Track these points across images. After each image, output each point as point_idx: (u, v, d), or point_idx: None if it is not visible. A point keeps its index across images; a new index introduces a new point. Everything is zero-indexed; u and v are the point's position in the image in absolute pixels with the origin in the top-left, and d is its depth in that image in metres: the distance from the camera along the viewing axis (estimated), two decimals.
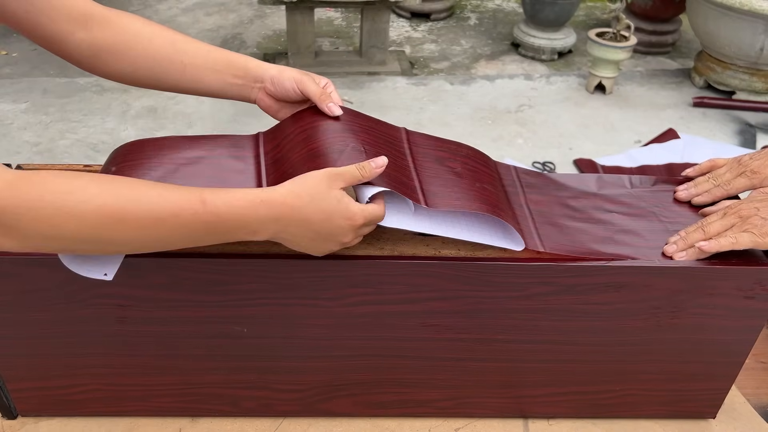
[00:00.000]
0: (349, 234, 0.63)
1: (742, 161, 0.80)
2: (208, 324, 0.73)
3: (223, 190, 0.60)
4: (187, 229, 0.58)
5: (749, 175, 0.78)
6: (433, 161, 0.74)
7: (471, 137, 2.85)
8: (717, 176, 0.81)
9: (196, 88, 0.77)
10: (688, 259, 0.71)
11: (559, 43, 3.63)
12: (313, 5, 3.18)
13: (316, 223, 0.61)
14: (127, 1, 4.13)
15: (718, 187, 0.80)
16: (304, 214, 0.61)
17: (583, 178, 0.85)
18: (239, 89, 0.77)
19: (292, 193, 0.61)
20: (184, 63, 0.75)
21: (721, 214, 0.74)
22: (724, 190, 0.79)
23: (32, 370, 0.77)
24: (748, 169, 0.79)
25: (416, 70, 3.54)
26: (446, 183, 0.71)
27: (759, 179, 0.78)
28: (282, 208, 0.60)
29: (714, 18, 3.10)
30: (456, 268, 0.69)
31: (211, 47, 0.77)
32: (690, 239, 0.73)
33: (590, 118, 3.05)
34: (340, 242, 0.64)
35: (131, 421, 0.83)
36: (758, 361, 0.98)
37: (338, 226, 0.62)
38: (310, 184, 0.61)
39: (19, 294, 0.69)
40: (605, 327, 0.75)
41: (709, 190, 0.80)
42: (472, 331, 0.75)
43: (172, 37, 0.75)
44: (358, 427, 0.84)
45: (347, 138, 0.69)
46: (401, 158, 0.72)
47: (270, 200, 0.60)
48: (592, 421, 0.86)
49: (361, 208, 0.63)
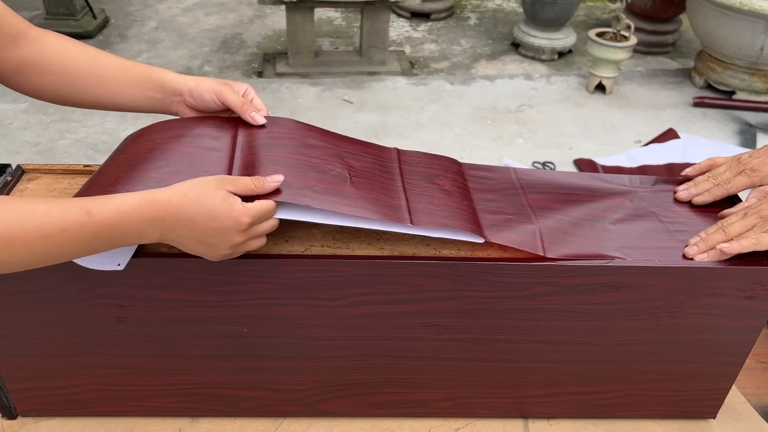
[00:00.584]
0: (237, 235, 0.62)
1: (742, 159, 0.80)
2: (208, 324, 0.73)
3: (108, 196, 0.60)
4: (77, 242, 0.58)
5: (749, 173, 0.78)
6: (423, 179, 0.75)
7: (471, 137, 2.85)
8: (716, 175, 0.81)
9: (116, 103, 0.77)
10: (710, 260, 0.71)
11: (559, 43, 3.63)
12: (313, 5, 3.18)
13: (201, 222, 0.61)
14: (128, 2, 4.13)
15: (718, 186, 0.80)
16: (188, 213, 0.60)
17: (582, 177, 0.85)
18: (160, 103, 0.77)
19: (179, 192, 0.61)
20: (103, 77, 0.75)
21: (741, 214, 0.74)
22: (724, 189, 0.79)
23: (32, 370, 0.77)
24: (747, 167, 0.79)
25: (416, 70, 3.54)
26: (433, 201, 0.72)
27: (759, 177, 0.78)
28: (167, 206, 0.60)
29: (714, 18, 3.10)
30: (456, 268, 0.69)
31: (131, 63, 0.77)
32: (711, 240, 0.72)
33: (590, 118, 3.05)
34: (231, 243, 0.63)
35: (131, 421, 0.83)
36: (758, 361, 0.98)
37: (223, 226, 0.61)
38: (197, 183, 0.61)
39: (19, 294, 0.69)
40: (605, 327, 0.75)
41: (709, 189, 0.80)
42: (472, 331, 0.75)
43: (93, 54, 0.76)
44: (358, 427, 0.84)
45: (333, 162, 0.71)
46: (390, 179, 0.73)
47: (155, 200, 0.60)
48: (592, 421, 0.86)
49: (246, 206, 0.62)
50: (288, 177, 0.66)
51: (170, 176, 0.66)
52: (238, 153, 0.70)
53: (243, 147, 0.71)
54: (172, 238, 0.62)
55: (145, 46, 3.62)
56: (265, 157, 0.69)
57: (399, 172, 0.76)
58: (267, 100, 3.04)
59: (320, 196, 0.66)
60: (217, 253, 0.64)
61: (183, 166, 0.68)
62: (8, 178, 0.77)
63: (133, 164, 0.68)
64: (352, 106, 3.05)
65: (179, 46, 3.64)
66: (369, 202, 0.68)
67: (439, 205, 0.72)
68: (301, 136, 0.74)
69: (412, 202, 0.71)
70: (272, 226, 0.65)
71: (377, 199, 0.69)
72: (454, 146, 2.78)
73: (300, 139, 0.73)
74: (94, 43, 3.58)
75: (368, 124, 2.91)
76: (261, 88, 3.15)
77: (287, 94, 3.12)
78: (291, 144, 0.72)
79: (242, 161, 0.69)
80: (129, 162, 0.69)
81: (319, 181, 0.67)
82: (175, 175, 0.66)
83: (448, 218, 0.70)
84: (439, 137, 2.84)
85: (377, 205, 0.68)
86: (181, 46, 3.64)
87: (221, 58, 3.52)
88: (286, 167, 0.67)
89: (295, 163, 0.69)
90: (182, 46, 3.65)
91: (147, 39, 3.69)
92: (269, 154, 0.69)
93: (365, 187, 0.70)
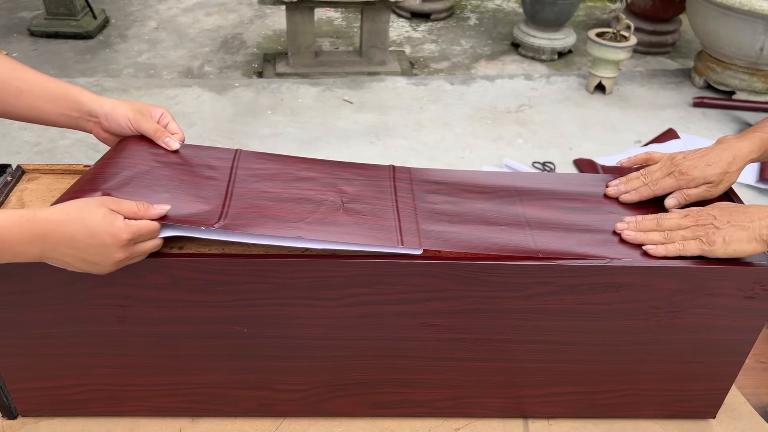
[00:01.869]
0: (118, 251, 0.63)
1: (675, 160, 0.79)
2: (208, 324, 0.73)
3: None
4: None
5: (677, 176, 0.77)
6: (414, 198, 0.77)
7: (471, 137, 2.85)
8: (648, 173, 0.80)
9: (32, 116, 0.77)
10: (633, 242, 0.72)
11: (559, 43, 3.63)
12: (313, 5, 3.18)
13: (82, 240, 0.61)
14: (128, 2, 4.13)
15: (646, 186, 0.79)
16: (69, 230, 0.61)
17: (583, 179, 0.85)
18: (75, 121, 0.77)
19: (59, 211, 0.61)
20: (20, 89, 0.75)
21: (682, 213, 0.74)
22: (650, 190, 0.78)
23: (32, 370, 0.77)
24: (677, 170, 0.78)
25: (416, 70, 3.54)
26: (426, 221, 0.74)
27: (686, 180, 0.77)
28: (47, 224, 0.60)
29: (714, 18, 3.10)
30: (456, 268, 0.69)
31: (48, 78, 0.77)
32: (642, 225, 0.73)
33: (590, 118, 3.05)
34: (113, 260, 0.63)
35: (131, 421, 0.83)
36: (758, 361, 0.98)
37: (103, 242, 0.62)
38: (79, 202, 0.63)
39: (19, 294, 0.69)
40: (605, 327, 0.75)
41: (637, 188, 0.79)
42: (472, 331, 0.75)
43: (11, 65, 0.76)
44: (358, 427, 0.84)
45: (326, 192, 0.74)
46: (384, 201, 0.75)
47: (35, 218, 0.60)
48: (592, 421, 0.86)
49: (127, 224, 0.62)
50: (282, 212, 0.70)
51: (167, 202, 0.68)
52: (235, 185, 0.74)
53: (240, 180, 0.75)
54: (54, 257, 0.62)
55: (145, 46, 3.62)
56: (260, 193, 0.73)
57: (393, 190, 0.78)
58: (267, 101, 3.05)
59: (311, 227, 0.69)
60: (101, 271, 0.64)
61: (180, 194, 0.70)
62: (8, 179, 0.77)
63: (125, 181, 0.70)
64: (352, 106, 3.05)
65: (179, 46, 3.64)
66: (360, 228, 0.70)
67: (438, 223, 0.74)
68: (295, 169, 0.78)
69: (403, 222, 0.72)
70: (155, 245, 0.66)
71: (369, 222, 0.71)
72: (454, 146, 2.78)
73: (294, 173, 0.77)
74: (95, 44, 3.59)
75: (368, 124, 2.91)
76: (261, 88, 3.16)
77: (287, 94, 3.12)
78: (286, 179, 0.76)
79: (237, 193, 0.72)
80: (123, 177, 0.70)
81: (312, 212, 0.71)
82: (173, 201, 0.68)
83: (440, 240, 0.71)
84: (439, 137, 2.84)
85: (368, 230, 0.70)
86: (181, 46, 3.65)
87: (221, 58, 3.53)
88: (281, 202, 0.72)
89: (289, 198, 0.72)
90: (182, 46, 3.65)
91: (147, 39, 3.69)
92: (264, 189, 0.74)
93: (358, 212, 0.72)
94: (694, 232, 0.71)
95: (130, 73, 3.33)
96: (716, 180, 0.76)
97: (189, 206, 0.69)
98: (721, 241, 0.69)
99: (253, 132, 2.81)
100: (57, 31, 3.55)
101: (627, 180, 0.81)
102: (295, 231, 0.68)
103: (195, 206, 0.69)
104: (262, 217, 0.69)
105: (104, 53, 3.50)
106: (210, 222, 0.67)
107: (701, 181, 0.76)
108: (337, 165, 0.80)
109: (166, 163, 0.74)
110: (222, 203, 0.70)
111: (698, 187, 0.77)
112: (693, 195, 0.76)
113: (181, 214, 0.67)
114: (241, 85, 3.18)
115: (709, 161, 0.76)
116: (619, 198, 0.80)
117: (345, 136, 2.82)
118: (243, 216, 0.69)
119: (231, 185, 0.73)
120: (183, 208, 0.68)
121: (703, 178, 0.76)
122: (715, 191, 0.77)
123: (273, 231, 0.67)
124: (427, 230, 0.72)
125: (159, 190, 0.70)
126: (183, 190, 0.71)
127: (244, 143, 2.72)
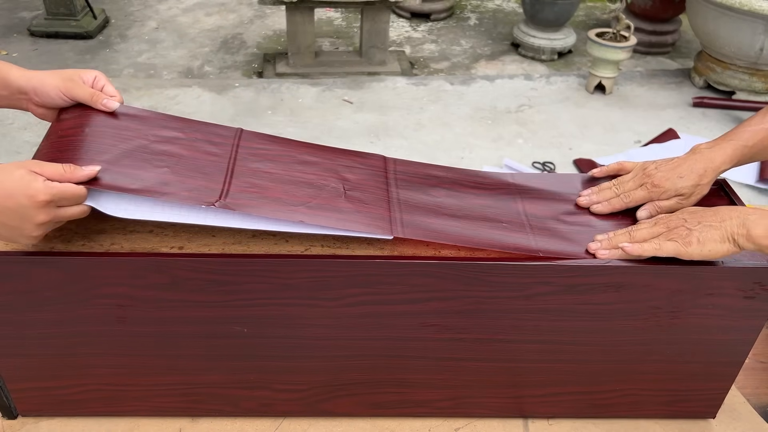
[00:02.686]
0: (38, 213, 0.61)
1: (648, 170, 0.79)
2: (208, 324, 0.73)
3: None
4: None
5: (649, 187, 0.77)
6: (414, 190, 0.77)
7: (471, 137, 2.85)
8: (620, 183, 0.80)
9: None
10: (610, 258, 0.71)
11: (559, 43, 3.63)
12: (313, 5, 3.18)
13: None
14: (128, 2, 4.13)
15: (618, 197, 0.78)
16: None
17: (573, 179, 0.85)
18: (8, 100, 0.75)
19: None
20: None
21: (652, 222, 0.74)
22: (623, 202, 0.78)
23: (32, 370, 0.77)
24: (649, 181, 0.77)
25: (416, 70, 3.54)
26: (424, 213, 0.74)
27: (657, 193, 0.77)
28: None
29: (714, 18, 3.10)
30: (456, 268, 0.69)
31: None
32: (615, 240, 0.73)
33: (590, 118, 3.05)
34: (34, 224, 0.61)
35: (131, 421, 0.83)
36: (758, 361, 0.98)
37: (20, 204, 0.60)
38: (0, 166, 0.61)
39: (19, 294, 0.69)
40: (605, 327, 0.75)
41: (609, 200, 0.79)
42: (472, 331, 0.75)
43: None
44: (358, 427, 0.84)
45: (328, 178, 0.73)
46: (382, 189, 0.75)
47: None
48: (592, 421, 0.86)
49: (46, 185, 0.61)
50: (284, 194, 0.68)
51: (165, 176, 0.66)
52: (237, 162, 0.72)
53: (242, 158, 0.73)
54: None
55: (145, 46, 3.62)
56: (262, 173, 0.71)
57: (394, 181, 0.77)
58: (267, 101, 3.05)
59: (313, 212, 0.68)
60: (24, 235, 0.63)
61: (181, 168, 0.69)
62: None
63: (121, 155, 0.68)
64: (352, 106, 3.05)
65: (179, 46, 3.64)
66: (361, 215, 0.70)
67: (430, 216, 0.74)
68: (297, 153, 0.76)
69: (404, 213, 0.72)
70: (81, 212, 0.65)
71: (370, 211, 0.71)
72: (454, 146, 2.78)
73: (296, 156, 0.75)
74: (95, 44, 3.59)
75: (368, 124, 2.91)
76: (261, 88, 3.16)
77: (287, 94, 3.12)
78: (287, 161, 0.74)
79: (239, 171, 0.70)
80: (119, 150, 0.69)
81: (314, 197, 0.70)
82: (173, 176, 0.66)
83: (436, 230, 0.72)
84: (439, 137, 2.84)
85: (368, 218, 0.70)
86: (181, 46, 3.65)
87: (221, 59, 3.53)
88: (283, 184, 0.70)
89: (290, 180, 0.71)
90: (182, 46, 3.65)
91: (147, 39, 3.69)
92: (266, 169, 0.72)
93: (360, 200, 0.72)
94: (668, 237, 0.71)
95: (130, 73, 3.33)
96: (688, 192, 0.76)
97: (190, 181, 0.67)
98: (696, 242, 0.69)
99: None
100: (57, 31, 3.55)
101: (599, 190, 0.80)
102: (297, 215, 0.67)
103: (195, 182, 0.68)
104: (263, 198, 0.68)
105: (104, 53, 3.50)
106: (210, 200, 0.66)
107: (673, 193, 0.76)
108: (338, 152, 0.79)
109: (165, 138, 0.72)
110: (223, 180, 0.69)
111: (670, 199, 0.76)
112: (665, 207, 0.76)
113: (181, 189, 0.66)
114: (241, 85, 3.18)
115: (681, 173, 0.76)
116: (590, 208, 0.79)
117: (345, 136, 2.82)
118: (244, 195, 0.67)
119: (232, 162, 0.72)
120: (183, 183, 0.67)
121: (674, 190, 0.76)
122: (686, 203, 0.77)
123: (274, 213, 0.66)
124: (420, 222, 0.72)
125: (159, 165, 0.68)
126: (183, 165, 0.69)
127: None
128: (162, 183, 0.66)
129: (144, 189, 0.65)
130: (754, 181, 2.57)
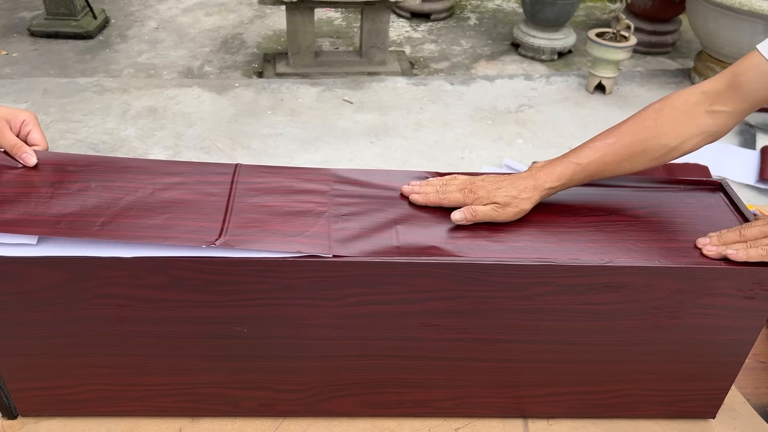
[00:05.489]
0: None
1: (475, 179, 0.78)
2: (208, 324, 0.73)
3: None
4: None
5: (466, 192, 0.76)
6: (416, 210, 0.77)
7: (471, 137, 2.85)
8: (446, 183, 0.79)
9: None
10: (715, 256, 0.71)
11: (559, 43, 3.63)
12: (313, 5, 3.18)
13: None
14: (128, 2, 4.13)
15: (436, 193, 0.78)
16: None
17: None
18: None
19: None
20: None
21: (766, 221, 0.74)
22: (438, 198, 0.77)
23: (32, 370, 0.77)
24: (469, 188, 0.77)
25: (416, 70, 3.54)
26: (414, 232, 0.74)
27: (472, 198, 0.76)
28: None
29: (714, 18, 3.10)
30: (456, 268, 0.69)
31: None
32: (725, 238, 0.73)
33: (590, 118, 3.05)
34: None
35: (131, 421, 0.83)
36: (758, 361, 0.98)
37: None
38: None
39: (19, 294, 0.69)
40: (605, 327, 0.75)
41: (428, 193, 0.78)
42: (472, 331, 0.75)
43: None
44: (358, 427, 0.84)
45: (329, 205, 0.75)
46: (378, 213, 0.76)
47: None
48: (592, 421, 0.86)
49: None
50: (282, 225, 0.71)
51: (170, 222, 0.69)
52: (234, 200, 0.74)
53: (240, 194, 0.75)
54: None
55: (145, 46, 3.62)
56: (260, 207, 0.73)
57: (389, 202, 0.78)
58: (267, 101, 3.05)
59: (311, 241, 0.70)
60: None
61: (181, 212, 0.71)
62: None
63: (128, 205, 0.71)
64: (352, 106, 3.05)
65: (179, 46, 3.64)
66: (361, 241, 0.71)
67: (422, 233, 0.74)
68: (295, 182, 0.78)
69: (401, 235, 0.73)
70: None
71: (367, 235, 0.71)
72: (454, 146, 2.78)
73: (294, 186, 0.78)
74: (95, 44, 3.59)
75: (368, 125, 2.91)
76: (261, 88, 3.16)
77: (287, 94, 3.12)
78: (286, 192, 0.76)
79: (237, 208, 0.73)
80: (125, 202, 0.71)
81: (311, 225, 0.72)
82: (176, 221, 0.70)
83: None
84: (438, 137, 2.84)
85: (366, 244, 0.71)
86: (181, 46, 3.65)
87: (221, 59, 3.53)
88: (281, 216, 0.72)
89: (288, 211, 0.73)
90: (182, 46, 3.65)
91: (147, 39, 3.69)
92: (264, 203, 0.74)
93: (356, 223, 0.73)
94: None
95: (130, 73, 3.33)
96: (503, 202, 0.75)
97: (190, 224, 0.70)
98: None
99: (253, 132, 2.81)
100: (57, 31, 3.55)
101: (426, 183, 0.80)
102: (296, 246, 0.68)
103: (196, 224, 0.70)
104: (263, 231, 0.70)
105: (104, 53, 3.50)
106: (210, 239, 0.67)
107: (486, 201, 0.76)
108: (335, 176, 0.80)
109: (166, 186, 0.75)
110: (222, 219, 0.71)
111: (485, 206, 0.76)
112: (480, 212, 0.75)
113: (181, 233, 0.68)
114: (241, 85, 3.18)
115: (500, 186, 0.76)
116: (409, 197, 0.79)
117: (345, 136, 2.82)
118: (243, 231, 0.70)
119: (231, 200, 0.74)
120: (184, 226, 0.69)
121: (488, 198, 0.76)
122: (502, 211, 0.75)
123: (273, 246, 0.68)
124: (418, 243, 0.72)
125: (161, 212, 0.71)
126: (184, 209, 0.72)
127: (245, 143, 2.72)
128: (164, 228, 0.69)
129: (148, 236, 0.67)
130: (754, 181, 2.57)
